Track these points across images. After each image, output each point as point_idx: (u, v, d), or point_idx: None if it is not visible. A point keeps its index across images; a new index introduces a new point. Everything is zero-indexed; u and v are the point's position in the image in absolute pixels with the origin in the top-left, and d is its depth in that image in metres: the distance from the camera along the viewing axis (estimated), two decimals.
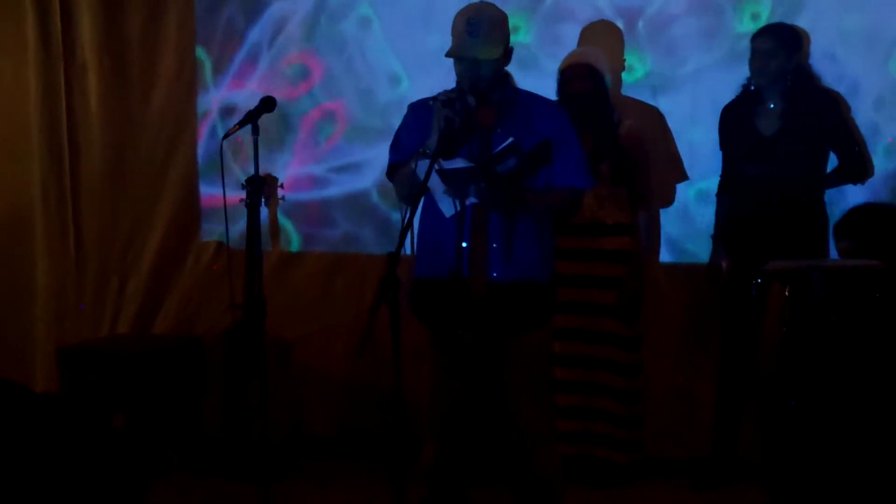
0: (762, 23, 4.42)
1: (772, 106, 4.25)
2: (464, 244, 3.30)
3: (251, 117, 3.79)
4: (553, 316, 3.55)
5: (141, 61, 5.22)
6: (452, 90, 3.41)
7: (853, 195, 4.30)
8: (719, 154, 4.42)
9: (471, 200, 3.26)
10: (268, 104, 3.89)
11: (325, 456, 4.84)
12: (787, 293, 3.70)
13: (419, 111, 3.42)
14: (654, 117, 4.63)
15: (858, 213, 3.90)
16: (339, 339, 5.01)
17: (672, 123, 4.62)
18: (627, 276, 4.35)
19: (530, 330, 3.39)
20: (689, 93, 4.62)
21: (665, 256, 4.72)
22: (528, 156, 3.19)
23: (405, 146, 3.42)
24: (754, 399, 4.37)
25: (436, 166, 3.11)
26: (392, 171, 3.50)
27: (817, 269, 3.70)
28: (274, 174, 4.54)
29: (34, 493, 3.67)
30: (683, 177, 4.63)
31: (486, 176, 3.16)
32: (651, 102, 4.66)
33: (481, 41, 3.24)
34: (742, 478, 4.36)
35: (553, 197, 3.37)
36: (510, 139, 3.14)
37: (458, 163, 3.15)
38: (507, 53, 3.34)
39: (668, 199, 4.66)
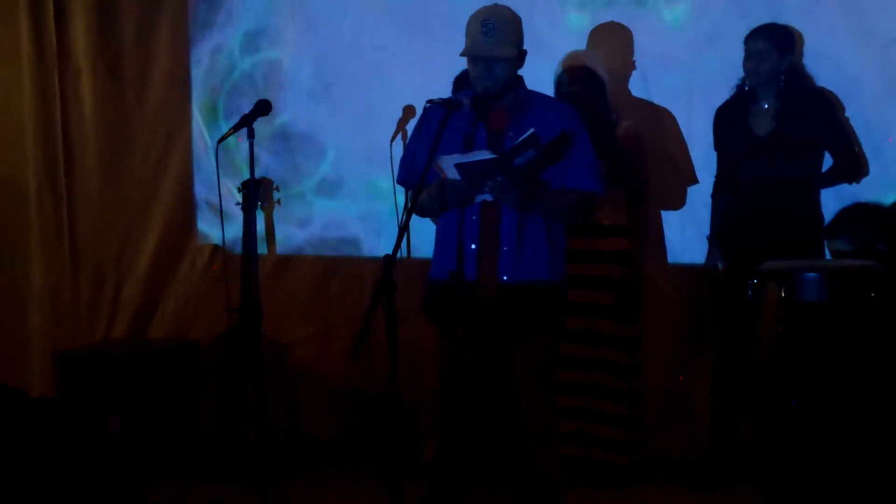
0: None
1: (765, 106, 4.26)
2: (472, 246, 3.30)
3: (246, 121, 3.77)
4: (565, 319, 3.53)
5: (135, 65, 5.22)
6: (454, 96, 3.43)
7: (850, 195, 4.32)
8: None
9: (482, 197, 3.26)
10: (263, 107, 3.88)
11: (322, 459, 4.84)
12: (782, 294, 3.70)
13: (430, 115, 3.43)
14: (663, 119, 4.63)
15: (850, 214, 3.90)
16: (336, 342, 5.01)
17: None
18: (626, 277, 4.35)
19: (540, 333, 3.38)
20: None
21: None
22: (546, 148, 3.20)
23: (416, 151, 3.43)
24: (751, 400, 4.36)
25: (455, 160, 3.13)
26: (407, 182, 3.51)
27: (813, 270, 3.69)
28: None
29: (31, 497, 3.67)
30: (693, 180, 4.62)
31: (505, 168, 3.15)
32: None
33: (496, 41, 3.26)
34: (739, 479, 4.36)
35: (567, 197, 3.37)
36: (531, 129, 3.14)
37: (479, 154, 3.15)
38: (521, 55, 3.35)
39: (678, 202, 4.66)
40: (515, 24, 3.32)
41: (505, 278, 3.31)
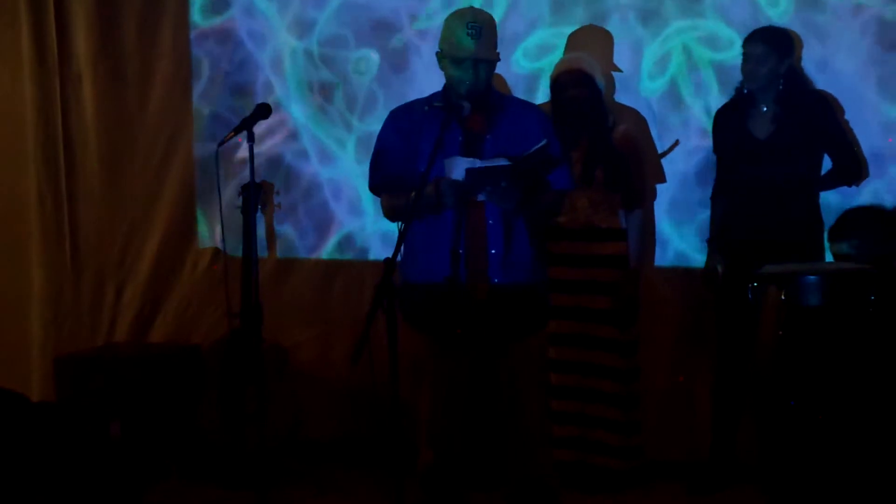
0: None
1: (764, 109, 4.26)
2: (459, 249, 3.31)
3: (246, 124, 3.79)
4: (549, 319, 3.56)
5: (136, 68, 5.23)
6: (438, 95, 3.45)
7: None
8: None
9: (479, 198, 3.27)
10: (263, 111, 3.89)
11: (323, 462, 4.83)
12: (782, 297, 3.70)
13: (404, 117, 3.45)
14: (640, 122, 4.64)
15: (853, 217, 3.91)
16: (337, 345, 5.02)
17: None
18: (622, 281, 4.35)
19: (530, 334, 3.41)
20: None
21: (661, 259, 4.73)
22: (551, 160, 3.26)
23: (393, 155, 3.44)
24: (751, 403, 4.36)
25: (468, 165, 3.16)
26: (384, 186, 3.51)
27: (813, 273, 3.70)
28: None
29: (32, 501, 3.68)
30: (660, 178, 4.65)
31: (516, 175, 3.17)
32: None
33: (483, 43, 3.31)
34: (739, 482, 4.35)
35: (549, 197, 3.41)
36: (543, 140, 3.18)
37: (494, 161, 3.19)
38: (498, 58, 3.39)
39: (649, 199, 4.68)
40: (495, 27, 3.40)
41: (496, 280, 3.32)
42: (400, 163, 3.38)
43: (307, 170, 5.08)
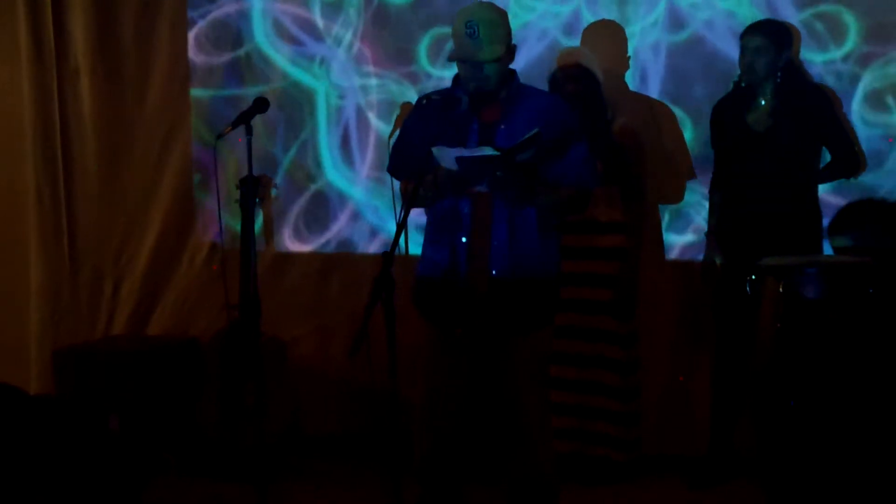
0: None
1: (763, 103, 4.26)
2: (463, 239, 3.30)
3: (244, 118, 3.78)
4: (556, 315, 3.53)
5: (134, 64, 5.22)
6: (447, 89, 3.44)
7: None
8: None
9: (480, 188, 3.26)
10: (260, 105, 3.88)
11: (321, 456, 4.84)
12: (781, 289, 3.70)
13: (426, 106, 3.44)
14: (663, 114, 4.64)
15: (853, 210, 3.91)
16: (335, 339, 5.02)
17: None
18: (622, 273, 4.35)
19: (533, 329, 3.38)
20: None
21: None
22: (547, 147, 3.20)
23: (409, 143, 3.44)
24: (750, 396, 4.36)
25: (456, 153, 3.13)
26: (398, 172, 3.52)
27: (812, 265, 3.70)
28: None
29: (30, 495, 3.67)
30: (691, 174, 4.63)
31: (506, 164, 3.15)
32: None
33: (481, 42, 3.25)
34: (739, 476, 4.35)
35: (562, 192, 3.37)
36: (535, 129, 3.14)
37: (482, 150, 3.16)
38: (510, 51, 3.34)
39: (677, 197, 4.66)
40: (500, 20, 3.31)
41: (494, 273, 3.30)
42: (415, 150, 3.37)
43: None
